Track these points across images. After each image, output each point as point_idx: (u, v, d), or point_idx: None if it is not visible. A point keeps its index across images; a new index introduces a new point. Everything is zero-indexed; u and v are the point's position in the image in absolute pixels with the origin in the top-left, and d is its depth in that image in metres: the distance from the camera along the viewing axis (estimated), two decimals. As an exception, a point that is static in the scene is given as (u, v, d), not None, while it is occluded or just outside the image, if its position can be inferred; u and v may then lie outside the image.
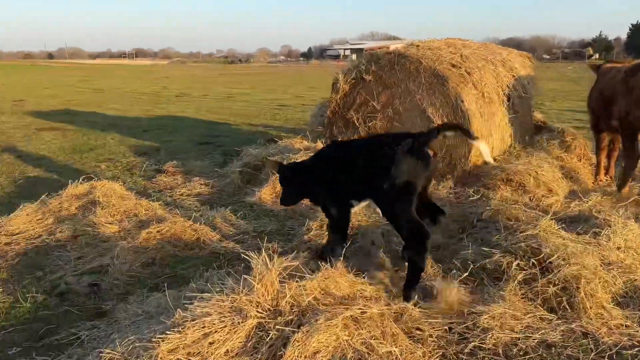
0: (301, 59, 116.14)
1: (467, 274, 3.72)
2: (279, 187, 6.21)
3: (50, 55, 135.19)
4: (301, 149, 6.77)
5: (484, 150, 3.62)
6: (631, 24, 79.15)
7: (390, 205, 3.49)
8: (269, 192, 6.12)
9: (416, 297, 3.41)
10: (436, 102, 6.19)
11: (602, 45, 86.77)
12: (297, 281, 3.13)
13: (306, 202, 5.86)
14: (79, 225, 5.06)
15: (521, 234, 4.03)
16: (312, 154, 4.53)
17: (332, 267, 3.51)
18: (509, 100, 6.71)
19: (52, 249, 4.69)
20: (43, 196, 5.68)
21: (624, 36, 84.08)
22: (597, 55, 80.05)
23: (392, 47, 7.02)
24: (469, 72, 6.22)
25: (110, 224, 5.06)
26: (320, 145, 6.77)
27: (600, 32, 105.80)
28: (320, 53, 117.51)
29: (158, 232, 4.78)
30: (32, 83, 30.72)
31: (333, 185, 3.77)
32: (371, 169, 3.46)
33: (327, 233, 4.72)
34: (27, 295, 3.79)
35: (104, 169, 7.98)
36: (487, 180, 5.96)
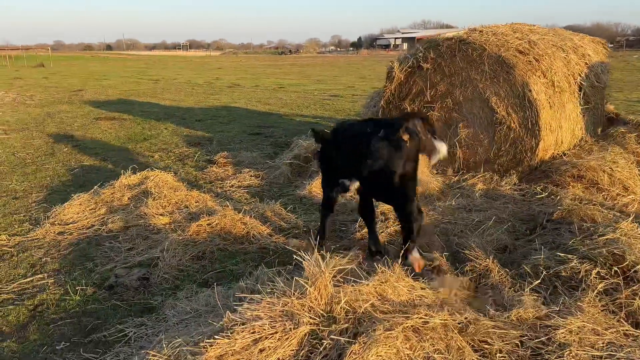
0: (351, 48, 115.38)
1: (539, 281, 3.38)
2: (330, 180, 6.01)
3: (108, 47, 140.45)
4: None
5: (442, 149, 3.58)
6: None
7: (385, 192, 3.70)
8: (319, 185, 5.89)
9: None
10: (501, 92, 5.76)
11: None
12: (352, 285, 2.90)
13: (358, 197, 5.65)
14: (130, 216, 5.03)
15: (600, 238, 3.64)
16: None
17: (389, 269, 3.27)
18: (580, 89, 6.17)
19: (103, 239, 4.67)
20: (96, 186, 5.71)
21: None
22: (666, 43, 75.24)
23: (445, 36, 6.62)
24: (537, 59, 5.74)
25: (161, 215, 5.00)
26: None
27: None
28: (370, 42, 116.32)
29: (208, 225, 4.67)
30: (90, 74, 31.82)
31: (327, 165, 4.15)
32: (356, 154, 3.62)
33: (382, 230, 4.49)
34: (77, 288, 3.75)
35: (157, 159, 8.01)
36: (556, 176, 5.50)
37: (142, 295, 3.69)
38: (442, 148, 3.57)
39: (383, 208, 4.74)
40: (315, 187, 5.85)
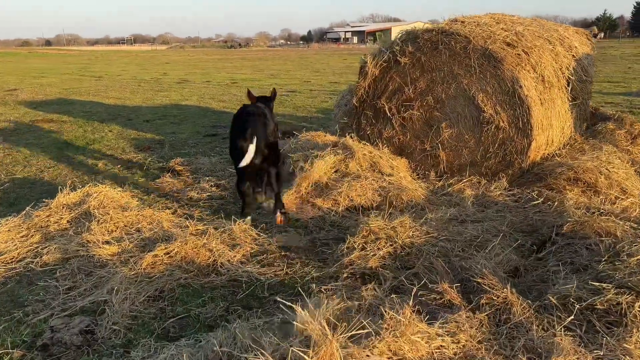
0: (301, 42, 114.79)
1: (572, 317, 2.84)
2: (304, 189, 5.35)
3: (48, 42, 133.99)
4: (328, 143, 5.84)
5: None
6: (636, 2, 78.22)
7: None
8: (292, 197, 5.23)
9: None
10: (488, 88, 5.25)
11: (606, 24, 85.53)
12: (362, 346, 2.26)
13: (338, 208, 5.03)
14: (70, 244, 4.20)
15: (631, 260, 3.16)
16: None
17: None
18: (568, 84, 5.76)
19: (36, 276, 3.83)
20: (28, 207, 4.82)
21: (627, 15, 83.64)
22: (602, 35, 78.88)
23: (394, 29, 6.06)
24: (526, 52, 5.26)
25: (107, 243, 4.19)
26: (348, 140, 5.85)
27: (605, 10, 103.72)
28: (320, 36, 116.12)
29: (166, 254, 3.92)
30: (28, 71, 29.68)
31: None
32: None
33: (373, 253, 3.89)
34: (1, 351, 2.94)
35: (102, 168, 7.09)
36: (551, 179, 5.05)
37: (86, 356, 2.92)
38: None
39: (373, 226, 4.12)
40: (288, 200, 5.15)
